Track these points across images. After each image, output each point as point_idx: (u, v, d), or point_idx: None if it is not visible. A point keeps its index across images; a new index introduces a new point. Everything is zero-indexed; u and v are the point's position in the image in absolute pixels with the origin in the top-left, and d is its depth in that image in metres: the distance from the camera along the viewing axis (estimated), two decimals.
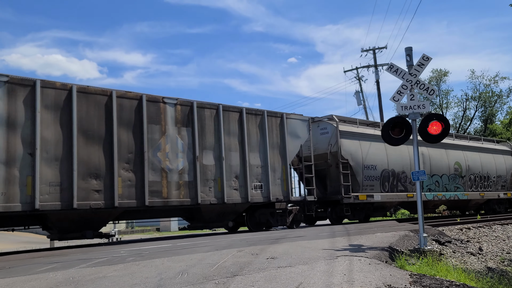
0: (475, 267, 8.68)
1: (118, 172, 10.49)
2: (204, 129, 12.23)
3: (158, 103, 11.43)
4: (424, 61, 7.29)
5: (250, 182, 12.94)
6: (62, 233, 10.38)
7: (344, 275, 4.67)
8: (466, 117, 45.18)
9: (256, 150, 13.22)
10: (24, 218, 10.22)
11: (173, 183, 11.44)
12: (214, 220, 12.74)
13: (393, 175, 17.28)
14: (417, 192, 7.24)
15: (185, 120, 11.92)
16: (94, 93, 10.42)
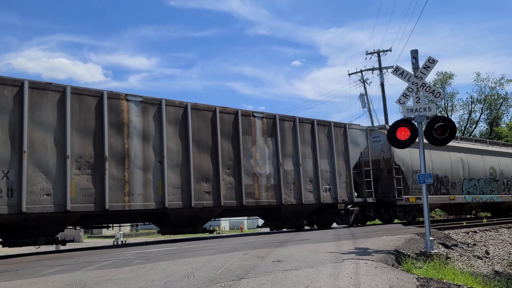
0: (482, 271, 8.61)
1: (222, 176, 12.35)
2: (285, 139, 14.06)
3: (249, 116, 13.34)
4: (430, 63, 7.28)
5: (321, 185, 14.71)
6: (176, 228, 12.29)
7: (350, 279, 4.66)
8: (471, 120, 44.98)
9: (325, 157, 15.00)
10: (140, 215, 11.89)
11: (262, 186, 13.30)
12: (290, 219, 14.61)
13: (437, 179, 18.77)
14: (423, 195, 7.21)
15: (270, 131, 13.77)
16: (202, 109, 12.30)
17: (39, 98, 9.66)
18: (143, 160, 10.93)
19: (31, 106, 9.50)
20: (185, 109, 11.85)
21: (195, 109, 12.05)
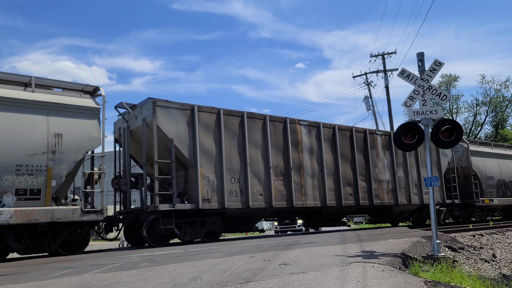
0: (489, 274, 8.56)
1: (359, 182, 15.97)
2: (397, 151, 17.61)
3: (373, 134, 17.10)
4: (436, 66, 7.26)
5: (423, 189, 18.28)
6: (326, 221, 16.09)
7: (358, 282, 4.65)
8: (476, 122, 44.81)
9: (424, 165, 18.27)
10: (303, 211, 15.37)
11: (384, 190, 16.89)
12: (398, 216, 18.35)
13: (504, 184, 22.55)
14: (430, 198, 7.18)
15: (387, 146, 17.46)
16: (344, 129, 16.08)
17: (251, 124, 13.42)
18: (311, 170, 14.66)
19: (248, 130, 13.25)
20: (334, 130, 15.72)
21: (340, 129, 15.86)
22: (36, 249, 9.69)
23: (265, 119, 13.72)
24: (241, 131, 13.08)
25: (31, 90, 9.82)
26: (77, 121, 10.19)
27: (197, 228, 12.09)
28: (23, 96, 9.57)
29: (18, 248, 9.47)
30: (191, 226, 11.97)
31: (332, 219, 16.15)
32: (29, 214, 9.21)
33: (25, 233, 9.45)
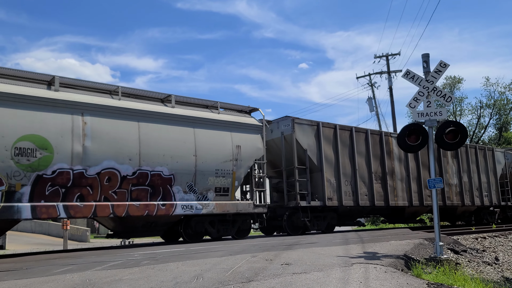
0: (492, 277, 8.52)
1: None
2: (462, 159, 20.16)
3: None
4: (441, 67, 7.23)
5: (483, 192, 20.87)
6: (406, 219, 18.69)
7: (360, 283, 4.63)
8: (480, 125, 44.62)
9: (483, 172, 21.20)
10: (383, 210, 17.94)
11: (453, 192, 19.39)
12: (460, 216, 21.13)
13: None
14: (433, 199, 7.15)
15: (455, 154, 19.91)
16: None
17: (357, 137, 15.89)
18: (400, 175, 17.11)
19: (356, 142, 15.78)
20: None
21: None
22: (223, 233, 12.34)
23: (367, 132, 16.44)
24: (350, 142, 15.79)
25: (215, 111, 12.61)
26: (249, 135, 12.90)
27: (321, 221, 14.88)
28: (215, 117, 12.30)
29: (212, 232, 12.06)
30: (317, 219, 14.76)
31: (412, 217, 18.88)
32: (223, 206, 11.94)
33: (217, 221, 12.09)
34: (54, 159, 9.34)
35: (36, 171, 9.10)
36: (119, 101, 10.64)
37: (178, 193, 11.09)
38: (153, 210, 10.49)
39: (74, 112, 9.81)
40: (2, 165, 8.69)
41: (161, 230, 11.63)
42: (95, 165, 9.86)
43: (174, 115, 11.35)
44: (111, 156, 10.07)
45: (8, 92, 8.97)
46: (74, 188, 9.56)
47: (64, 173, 9.47)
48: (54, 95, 9.67)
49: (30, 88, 9.47)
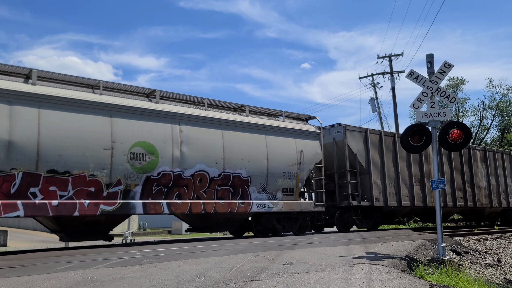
0: (494, 279, 8.49)
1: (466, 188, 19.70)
2: (491, 164, 21.42)
3: (474, 149, 20.78)
4: (445, 68, 7.20)
5: (509, 194, 22.19)
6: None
7: (362, 283, 4.61)
8: (482, 126, 44.50)
9: (509, 175, 22.48)
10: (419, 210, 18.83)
11: (482, 194, 20.57)
12: (486, 217, 22.20)
13: None
14: (436, 200, 7.13)
15: (483, 159, 21.15)
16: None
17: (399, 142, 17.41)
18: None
19: (398, 147, 16.94)
20: None
21: None
22: (287, 229, 13.62)
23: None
24: (393, 147, 17.07)
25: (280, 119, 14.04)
26: (309, 141, 14.17)
27: (368, 220, 16.12)
28: (282, 125, 13.68)
29: (278, 228, 13.36)
30: (365, 218, 15.98)
31: (445, 217, 20.54)
32: (290, 205, 13.29)
33: (282, 218, 13.41)
34: (159, 163, 10.79)
35: (146, 173, 10.56)
36: (205, 111, 12.14)
37: (253, 193, 12.56)
38: (235, 207, 12.01)
39: (173, 122, 11.28)
40: (121, 168, 10.14)
41: (236, 226, 13.22)
42: (190, 168, 11.36)
43: (249, 124, 12.90)
44: (202, 160, 11.59)
45: (125, 105, 10.51)
46: (174, 188, 11.04)
47: (167, 175, 10.93)
48: (156, 106, 11.16)
49: (138, 100, 10.94)
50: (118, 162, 10.12)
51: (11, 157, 8.89)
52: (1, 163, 8.81)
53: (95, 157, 9.83)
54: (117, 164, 10.12)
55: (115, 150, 10.13)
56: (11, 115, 9.00)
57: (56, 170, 9.39)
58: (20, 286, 4.50)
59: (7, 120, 8.93)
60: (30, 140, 9.11)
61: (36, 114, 9.27)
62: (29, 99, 9.23)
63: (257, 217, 12.99)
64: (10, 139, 8.90)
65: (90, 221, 10.18)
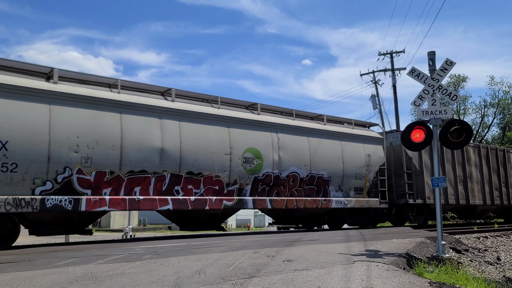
0: (493, 277, 8.50)
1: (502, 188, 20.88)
2: None
3: (508, 152, 22.04)
4: (447, 65, 7.18)
5: None
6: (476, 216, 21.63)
7: (362, 281, 4.62)
8: (484, 124, 44.43)
9: None
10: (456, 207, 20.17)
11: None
12: None
13: None
14: (436, 198, 7.13)
15: None
16: (492, 149, 21.06)
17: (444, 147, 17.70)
18: (476, 178, 19.60)
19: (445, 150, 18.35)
20: (487, 149, 20.57)
21: (490, 149, 20.77)
22: (356, 223, 15.65)
23: None
24: (441, 151, 18.09)
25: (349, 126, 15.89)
26: (374, 146, 16.09)
27: (420, 216, 17.44)
28: (353, 132, 15.57)
29: (349, 222, 15.46)
30: (418, 214, 17.43)
31: (482, 214, 21.61)
32: (360, 202, 15.26)
33: (352, 213, 15.45)
34: (263, 166, 12.82)
35: (254, 174, 12.55)
36: (294, 120, 14.17)
37: (332, 191, 14.54)
38: (319, 204, 14.03)
39: (272, 131, 13.27)
40: (236, 170, 12.17)
41: (313, 219, 15.37)
42: (285, 170, 13.30)
43: (329, 131, 14.89)
44: (294, 163, 13.56)
45: (238, 117, 12.54)
46: (274, 187, 13.01)
47: (269, 176, 12.94)
48: (260, 118, 13.19)
49: (246, 113, 13.07)
50: (234, 165, 12.20)
51: (162, 162, 10.81)
52: (156, 166, 10.70)
53: (219, 161, 11.89)
54: (234, 167, 12.19)
55: (233, 155, 12.23)
56: (162, 127, 10.95)
57: (192, 172, 11.41)
58: (20, 281, 4.51)
59: (159, 131, 10.88)
60: (175, 147, 11.08)
61: (177, 126, 11.28)
62: (172, 113, 11.24)
63: (332, 212, 15.07)
64: (162, 147, 10.82)
65: (211, 214, 12.42)
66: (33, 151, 9.07)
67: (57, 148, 9.37)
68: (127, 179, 10.32)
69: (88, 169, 9.81)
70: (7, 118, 8.85)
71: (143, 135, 10.60)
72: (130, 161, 10.34)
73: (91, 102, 10.01)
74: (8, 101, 8.92)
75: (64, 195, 9.40)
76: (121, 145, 10.24)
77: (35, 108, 9.20)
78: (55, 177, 9.34)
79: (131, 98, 10.69)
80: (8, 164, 8.83)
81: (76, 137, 9.64)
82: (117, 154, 10.18)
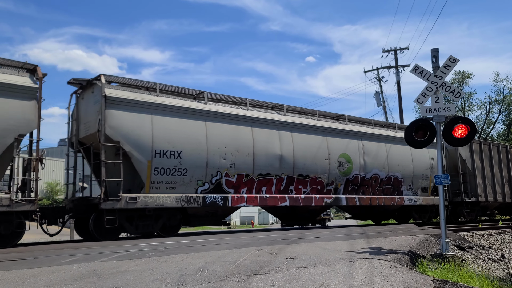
0: (497, 274, 8.48)
1: None
2: None
3: None
4: (450, 63, 7.15)
5: None
6: None
7: (364, 278, 4.63)
8: (489, 121, 44.15)
9: None
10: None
11: None
12: None
13: None
14: (440, 196, 7.11)
15: None
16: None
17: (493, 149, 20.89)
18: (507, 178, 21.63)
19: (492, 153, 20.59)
20: (506, 149, 22.01)
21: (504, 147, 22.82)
22: (420, 219, 18.07)
23: (498, 146, 21.46)
24: (489, 153, 20.51)
25: None
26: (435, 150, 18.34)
27: (473, 213, 19.30)
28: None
29: (416, 217, 17.80)
30: (471, 211, 19.29)
31: None
32: (426, 200, 17.95)
33: (418, 209, 17.96)
34: (353, 169, 15.31)
35: (346, 176, 15.12)
36: (373, 129, 16.68)
37: (404, 191, 17.06)
38: (395, 201, 16.57)
39: (358, 138, 15.86)
40: (333, 172, 14.78)
41: (388, 214, 18.34)
42: (369, 172, 15.81)
43: (400, 138, 16.81)
44: (375, 166, 16.17)
45: (334, 128, 15.23)
46: (360, 187, 15.56)
47: (357, 177, 15.45)
48: (349, 127, 15.86)
49: (338, 123, 15.63)
50: (331, 168, 14.76)
51: (281, 166, 13.43)
52: (277, 170, 13.33)
53: (320, 165, 14.47)
54: (331, 170, 14.75)
55: (330, 160, 14.79)
56: (280, 137, 13.57)
57: (302, 174, 13.98)
58: (26, 278, 4.55)
59: (278, 141, 13.48)
60: (289, 154, 13.68)
61: (290, 136, 13.84)
62: (287, 126, 13.84)
63: (402, 208, 17.59)
64: (281, 154, 13.46)
65: (312, 209, 15.23)
66: (197, 159, 11.67)
67: (212, 156, 11.99)
68: (258, 180, 12.95)
69: (232, 173, 12.41)
70: (180, 133, 11.46)
71: (268, 144, 13.23)
72: (259, 166, 12.96)
73: (232, 118, 12.65)
74: (181, 120, 11.59)
75: (216, 194, 12.02)
76: (253, 153, 12.87)
77: (197, 124, 11.86)
78: (211, 179, 12.01)
79: (258, 114, 13.44)
80: (182, 169, 11.38)
81: (224, 147, 12.27)
82: (251, 160, 12.83)
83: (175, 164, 11.21)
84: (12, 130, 9.27)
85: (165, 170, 11.09)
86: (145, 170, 10.81)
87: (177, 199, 11.12)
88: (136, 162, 10.73)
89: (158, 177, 10.95)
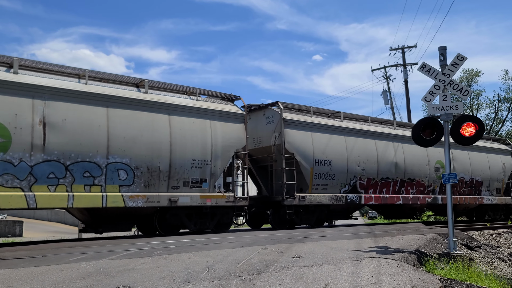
0: (506, 274, 8.40)
1: None
2: None
3: None
4: (458, 60, 7.09)
5: None
6: None
7: (371, 277, 4.61)
8: (498, 119, 43.70)
9: None
10: None
11: None
12: None
13: None
14: (447, 194, 7.06)
15: None
16: None
17: None
18: None
19: None
20: None
21: None
22: (494, 217, 20.82)
23: None
24: None
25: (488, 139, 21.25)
26: (506, 156, 21.63)
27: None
28: (491, 146, 20.67)
29: (490, 214, 20.50)
30: None
31: None
32: (500, 200, 20.47)
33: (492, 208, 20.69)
34: None
35: (440, 179, 17.32)
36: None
37: (483, 192, 19.68)
38: (477, 201, 19.14)
39: None
40: (432, 176, 17.55)
41: (464, 212, 20.52)
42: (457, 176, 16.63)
43: (478, 146, 19.60)
44: (462, 171, 18.79)
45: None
46: (454, 188, 17.78)
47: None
48: None
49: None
50: (430, 173, 17.46)
51: (396, 171, 16.27)
52: (393, 174, 16.14)
53: (423, 170, 17.25)
54: (430, 174, 17.45)
55: (429, 166, 17.52)
56: (394, 147, 16.57)
57: (410, 177, 16.77)
58: (34, 276, 4.60)
59: (393, 151, 16.51)
60: (401, 161, 16.57)
61: (401, 146, 16.89)
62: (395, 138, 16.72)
63: (479, 207, 20.03)
64: (396, 161, 16.34)
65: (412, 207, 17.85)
66: (340, 166, 14.61)
67: (351, 164, 14.89)
68: (380, 183, 15.75)
69: (363, 177, 15.27)
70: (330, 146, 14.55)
71: (386, 153, 15.99)
72: (381, 171, 15.81)
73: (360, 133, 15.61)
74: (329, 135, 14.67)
75: (353, 194, 14.90)
76: (377, 160, 15.75)
77: (339, 139, 14.77)
78: (349, 182, 14.85)
79: (378, 129, 16.32)
80: (332, 174, 14.38)
81: (358, 156, 15.17)
82: (376, 167, 15.71)
83: (327, 171, 14.28)
84: (233, 146, 12.27)
85: (321, 175, 14.15)
86: (309, 175, 13.90)
87: (329, 198, 14.19)
88: (303, 168, 13.73)
89: (316, 180, 14.03)
